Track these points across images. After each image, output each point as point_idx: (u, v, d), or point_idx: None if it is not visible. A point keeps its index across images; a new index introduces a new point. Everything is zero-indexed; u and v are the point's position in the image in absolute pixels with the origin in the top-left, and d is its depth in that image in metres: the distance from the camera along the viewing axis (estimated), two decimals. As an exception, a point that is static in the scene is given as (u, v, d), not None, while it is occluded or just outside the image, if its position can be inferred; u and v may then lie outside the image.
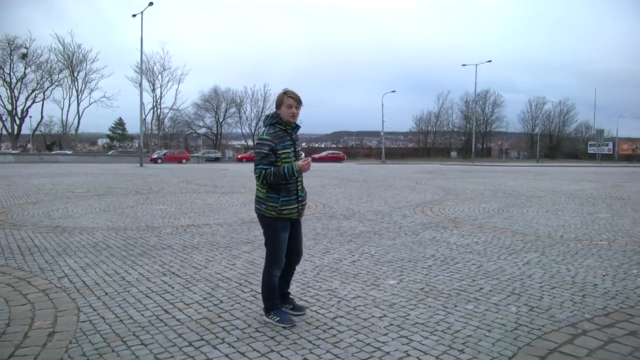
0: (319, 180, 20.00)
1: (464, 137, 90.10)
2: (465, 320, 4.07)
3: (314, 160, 50.02)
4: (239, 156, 63.48)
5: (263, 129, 3.98)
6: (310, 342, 3.63)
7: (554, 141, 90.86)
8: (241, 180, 20.78)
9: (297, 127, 3.98)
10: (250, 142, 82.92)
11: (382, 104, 69.22)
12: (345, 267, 5.82)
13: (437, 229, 8.39)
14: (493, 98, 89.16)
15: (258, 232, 8.02)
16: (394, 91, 69.47)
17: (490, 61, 63.60)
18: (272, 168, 3.79)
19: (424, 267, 5.83)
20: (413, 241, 7.35)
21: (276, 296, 4.05)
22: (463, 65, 62.81)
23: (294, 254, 4.13)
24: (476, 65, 61.13)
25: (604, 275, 5.45)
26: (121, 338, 3.69)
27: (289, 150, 3.85)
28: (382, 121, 68.43)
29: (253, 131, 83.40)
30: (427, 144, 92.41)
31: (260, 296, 4.62)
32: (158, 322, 4.02)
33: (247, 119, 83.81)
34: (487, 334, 3.79)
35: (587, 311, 4.29)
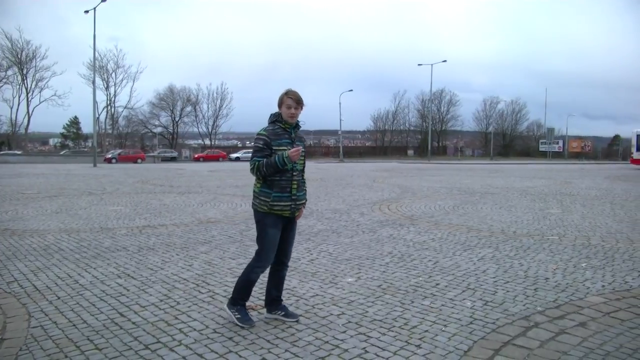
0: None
1: (420, 135, 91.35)
2: (422, 316, 4.13)
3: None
4: (196, 155, 62.67)
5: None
6: (268, 341, 3.62)
7: (507, 139, 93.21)
8: (198, 180, 20.52)
9: (298, 126, 3.99)
10: (207, 142, 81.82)
11: (340, 103, 70.08)
12: (304, 265, 5.82)
13: (394, 227, 8.49)
14: (448, 97, 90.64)
15: (215, 232, 7.95)
16: (352, 90, 69.98)
17: (445, 61, 65.13)
18: (265, 159, 3.81)
19: (382, 264, 5.89)
20: (371, 239, 7.42)
21: (247, 293, 4.02)
22: (419, 64, 63.91)
23: (280, 255, 4.10)
24: (432, 64, 62.33)
25: (554, 269, 5.63)
26: (74, 343, 3.59)
27: (284, 148, 3.84)
28: (340, 120, 69.23)
29: (210, 130, 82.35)
30: (384, 143, 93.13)
31: (218, 296, 4.60)
32: (113, 326, 3.93)
33: (203, 117, 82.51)
34: (444, 328, 3.85)
35: (539, 304, 4.42)
